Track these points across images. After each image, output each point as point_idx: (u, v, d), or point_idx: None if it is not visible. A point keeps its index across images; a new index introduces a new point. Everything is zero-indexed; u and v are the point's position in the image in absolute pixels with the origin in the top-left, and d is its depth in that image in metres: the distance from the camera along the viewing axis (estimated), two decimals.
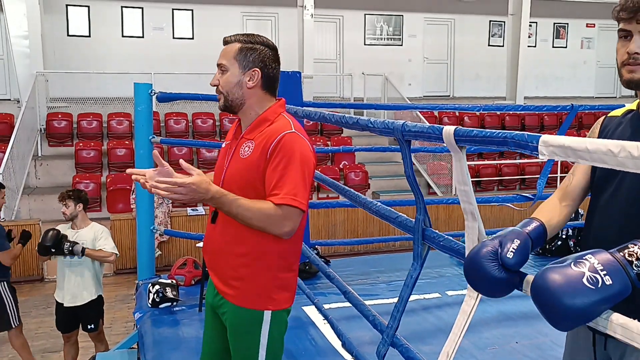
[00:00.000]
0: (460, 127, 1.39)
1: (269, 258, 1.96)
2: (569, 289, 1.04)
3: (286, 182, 1.84)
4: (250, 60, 1.97)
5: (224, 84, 1.99)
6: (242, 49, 1.98)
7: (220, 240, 2.02)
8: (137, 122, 4.24)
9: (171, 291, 3.85)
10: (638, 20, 1.43)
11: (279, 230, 1.85)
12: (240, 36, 2.02)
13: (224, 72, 2.00)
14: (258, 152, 1.92)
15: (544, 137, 1.10)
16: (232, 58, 1.98)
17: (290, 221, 1.85)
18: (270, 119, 1.99)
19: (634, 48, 1.44)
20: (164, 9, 12.39)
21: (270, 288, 1.98)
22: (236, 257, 1.98)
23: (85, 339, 4.97)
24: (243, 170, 1.95)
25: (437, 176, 11.14)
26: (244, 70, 1.98)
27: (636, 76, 1.46)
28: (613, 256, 1.09)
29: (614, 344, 1.51)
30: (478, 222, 1.37)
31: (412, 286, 1.72)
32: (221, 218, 2.00)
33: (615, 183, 1.52)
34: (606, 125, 1.66)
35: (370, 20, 13.98)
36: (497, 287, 1.24)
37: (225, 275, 2.02)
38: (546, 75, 15.23)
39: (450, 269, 4.57)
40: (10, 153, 8.54)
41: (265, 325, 1.98)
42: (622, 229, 1.47)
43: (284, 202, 1.82)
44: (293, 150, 1.88)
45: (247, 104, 2.00)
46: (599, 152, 0.98)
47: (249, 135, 1.99)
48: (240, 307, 1.99)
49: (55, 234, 4.38)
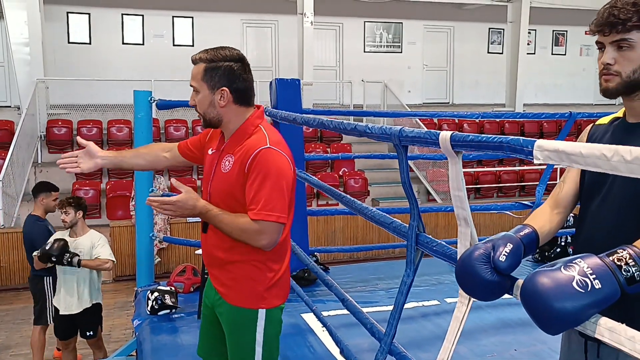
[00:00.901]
0: (456, 133, 1.41)
1: (257, 261, 2.06)
2: (559, 292, 1.05)
3: (261, 197, 1.93)
4: (216, 80, 2.01)
5: (199, 105, 2.06)
6: (206, 69, 2.02)
7: (212, 247, 2.13)
8: (137, 129, 4.25)
9: (170, 298, 3.84)
10: (605, 32, 1.50)
11: (257, 243, 1.96)
12: (204, 54, 2.04)
13: (197, 92, 2.05)
14: (237, 168, 2.00)
15: (539, 141, 1.12)
16: (200, 80, 2.03)
17: (266, 235, 1.94)
18: (248, 131, 2.05)
19: (605, 59, 1.50)
20: (164, 16, 12.44)
21: (261, 288, 2.07)
22: (227, 261, 2.09)
23: (84, 346, 4.97)
24: (224, 184, 2.05)
25: (436, 183, 11.15)
26: (212, 90, 2.02)
27: (610, 85, 1.52)
28: (602, 261, 1.10)
29: (607, 351, 1.51)
30: (471, 228, 1.38)
31: (406, 293, 1.73)
32: (211, 227, 2.09)
33: (604, 190, 1.54)
34: (593, 133, 1.69)
35: (370, 27, 14.03)
36: (488, 291, 1.25)
37: (220, 277, 2.13)
38: (545, 82, 15.27)
39: (448, 276, 4.56)
40: (10, 160, 8.56)
41: (260, 323, 2.07)
42: (611, 234, 1.49)
43: (258, 217, 1.92)
44: (268, 165, 1.94)
45: (225, 120, 2.07)
46: (593, 156, 0.99)
47: (229, 150, 2.07)
48: (235, 306, 2.09)
49: (62, 245, 4.38)
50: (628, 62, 1.47)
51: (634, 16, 1.45)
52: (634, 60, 1.47)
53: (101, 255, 4.52)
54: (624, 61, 1.48)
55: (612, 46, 1.49)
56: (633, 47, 1.47)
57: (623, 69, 1.48)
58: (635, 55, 1.47)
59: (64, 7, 11.75)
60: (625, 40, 1.46)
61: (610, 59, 1.49)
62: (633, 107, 1.55)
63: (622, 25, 1.46)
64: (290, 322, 3.65)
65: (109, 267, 4.60)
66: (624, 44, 1.47)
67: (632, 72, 1.48)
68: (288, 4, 12.55)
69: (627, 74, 1.48)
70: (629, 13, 1.45)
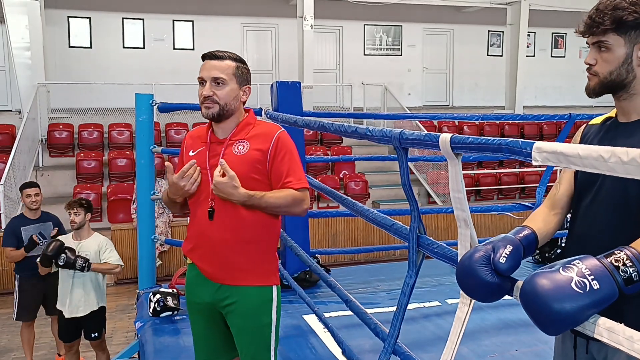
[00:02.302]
0: (456, 135, 1.43)
1: (266, 242, 2.27)
2: (558, 293, 1.07)
3: (295, 170, 2.22)
4: (244, 78, 2.29)
5: (224, 95, 2.22)
6: (238, 67, 2.26)
7: (223, 233, 2.20)
8: (138, 133, 4.27)
9: (172, 300, 3.86)
10: (585, 35, 1.57)
11: (301, 208, 2.22)
12: (231, 54, 2.28)
13: (221, 84, 2.22)
14: (256, 149, 2.21)
15: (538, 143, 1.14)
16: (231, 74, 2.23)
17: (307, 200, 2.24)
18: (251, 122, 2.30)
19: (587, 59, 1.57)
20: (164, 20, 12.47)
21: (272, 266, 2.29)
22: (243, 243, 2.21)
23: (86, 349, 4.98)
24: (240, 164, 2.19)
25: (437, 185, 11.17)
26: (240, 86, 2.27)
27: (590, 84, 1.58)
28: (600, 262, 1.12)
29: (597, 346, 1.54)
30: (470, 230, 1.40)
31: (409, 294, 1.75)
32: (219, 214, 2.20)
33: (594, 189, 1.57)
34: (586, 133, 1.72)
35: (370, 30, 14.05)
36: (489, 292, 1.27)
37: (235, 262, 2.21)
38: (545, 84, 15.29)
39: (450, 277, 4.57)
40: (11, 164, 8.57)
41: (274, 302, 2.25)
42: (602, 232, 1.52)
43: (301, 185, 2.21)
44: (290, 143, 2.26)
45: (235, 114, 2.28)
46: (590, 157, 1.01)
47: (237, 137, 2.26)
48: (254, 287, 2.22)
49: (58, 245, 4.39)
50: (605, 64, 1.53)
51: (608, 19, 1.49)
52: (611, 62, 1.52)
53: (111, 260, 4.56)
54: (602, 62, 1.53)
55: (594, 47, 1.55)
56: (610, 49, 1.52)
57: (601, 69, 1.54)
58: (612, 57, 1.51)
59: (64, 12, 11.78)
60: (602, 43, 1.52)
61: (592, 60, 1.56)
62: (621, 107, 1.59)
63: (596, 27, 1.52)
64: (292, 323, 3.67)
65: (118, 271, 4.65)
66: (602, 45, 1.53)
67: (609, 73, 1.52)
68: (288, 7, 12.58)
69: (604, 75, 1.53)
70: (605, 16, 1.50)
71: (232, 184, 2.10)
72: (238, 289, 2.20)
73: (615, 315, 1.12)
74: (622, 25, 1.48)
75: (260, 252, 2.24)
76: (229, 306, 2.21)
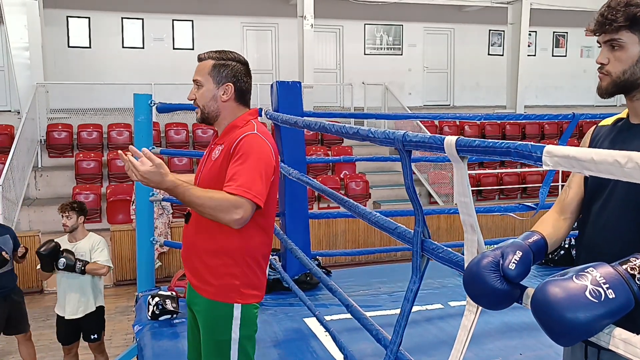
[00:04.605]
0: (462, 137, 1.38)
1: (237, 254, 2.08)
2: (571, 302, 1.02)
3: (242, 175, 1.97)
4: (223, 75, 2.14)
5: (200, 97, 2.16)
6: (215, 65, 2.15)
7: (193, 238, 2.16)
8: (137, 133, 4.23)
9: (171, 303, 3.82)
10: (597, 33, 1.51)
11: (228, 217, 1.91)
12: (213, 53, 2.18)
13: (200, 87, 2.16)
14: (224, 153, 2.08)
15: (548, 147, 1.08)
16: (206, 74, 2.15)
17: (240, 210, 1.92)
18: (239, 125, 2.14)
19: (599, 59, 1.52)
20: (164, 19, 12.43)
21: (238, 283, 2.08)
22: (206, 252, 2.11)
23: (85, 351, 4.94)
24: (213, 170, 2.11)
25: (438, 185, 11.12)
26: (217, 85, 2.14)
27: (602, 84, 1.53)
28: (615, 269, 1.07)
29: (609, 356, 1.49)
30: (478, 235, 1.35)
31: (412, 299, 1.70)
32: (194, 217, 2.14)
33: (605, 194, 1.52)
34: (596, 134, 1.67)
35: (370, 30, 14.01)
36: (497, 300, 1.22)
37: (198, 270, 2.14)
38: (546, 84, 15.24)
39: (452, 280, 4.54)
40: (10, 164, 8.52)
41: (235, 320, 2.08)
42: (613, 239, 1.47)
43: (236, 192, 1.93)
44: (251, 148, 2.03)
45: (222, 115, 2.17)
46: (605, 162, 0.96)
47: (220, 141, 2.16)
48: (211, 300, 2.10)
49: (52, 246, 4.36)
50: (618, 63, 1.48)
51: (621, 16, 1.44)
52: (624, 61, 1.47)
53: (99, 260, 4.51)
54: (615, 61, 1.48)
55: (606, 46, 1.50)
56: (623, 48, 1.46)
57: (613, 69, 1.48)
58: (626, 56, 1.46)
59: (63, 11, 11.73)
60: (615, 41, 1.47)
61: (604, 59, 1.50)
62: (634, 108, 1.54)
63: (609, 25, 1.46)
64: (292, 326, 3.63)
65: (104, 272, 4.56)
66: (614, 43, 1.47)
67: (622, 72, 1.47)
68: (288, 6, 12.53)
69: (617, 74, 1.48)
70: (618, 13, 1.45)
71: (159, 172, 1.88)
72: (201, 298, 2.13)
73: (631, 325, 1.08)
74: (636, 22, 1.43)
75: (225, 266, 2.07)
76: (197, 313, 2.19)
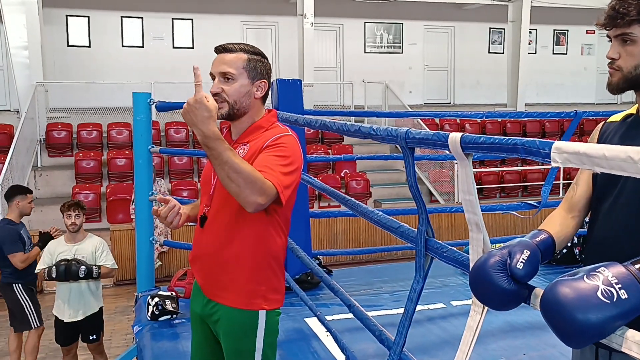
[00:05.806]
0: (467, 134, 1.34)
1: (260, 258, 1.98)
2: (583, 303, 0.99)
3: (278, 167, 1.86)
4: (258, 71, 2.01)
5: (232, 92, 1.97)
6: (250, 59, 2.00)
7: (211, 244, 2.02)
8: (136, 132, 4.20)
9: (171, 304, 3.79)
10: (607, 27, 1.47)
11: (253, 198, 1.77)
12: (244, 46, 2.03)
13: (230, 80, 1.97)
14: (252, 151, 1.95)
15: (557, 143, 1.05)
16: (240, 68, 1.98)
17: (265, 196, 1.79)
18: (264, 126, 2.03)
19: (610, 53, 1.48)
20: (163, 18, 12.40)
21: (263, 288, 1.99)
22: (228, 258, 1.98)
23: (84, 352, 4.91)
24: None
25: (439, 184, 11.10)
26: (252, 80, 2.00)
27: (613, 80, 1.49)
28: (627, 269, 1.04)
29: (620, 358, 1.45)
30: (483, 233, 1.32)
31: (416, 300, 1.67)
32: (210, 222, 2.02)
33: (616, 191, 1.49)
34: (605, 130, 1.64)
35: (370, 28, 13.98)
36: (505, 300, 1.19)
37: (219, 278, 2.00)
38: (547, 81, 15.20)
39: (454, 279, 4.51)
40: (9, 164, 8.50)
41: (260, 328, 1.98)
42: (623, 237, 1.44)
43: (271, 179, 1.81)
44: (291, 147, 1.93)
45: (250, 112, 2.03)
46: (618, 159, 0.92)
47: (243, 140, 2.03)
48: (235, 308, 1.98)
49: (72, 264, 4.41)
50: (630, 57, 1.44)
51: (633, 10, 1.41)
52: (636, 56, 1.43)
53: (107, 264, 4.56)
54: (627, 56, 1.45)
55: (617, 40, 1.46)
56: (635, 42, 1.43)
57: (625, 64, 1.45)
58: (638, 50, 1.43)
59: (63, 10, 11.70)
60: (627, 35, 1.43)
61: (615, 54, 1.47)
62: None
63: (621, 19, 1.43)
64: (293, 326, 3.59)
65: (113, 275, 4.62)
66: (626, 38, 1.44)
67: (634, 67, 1.44)
68: (288, 5, 12.50)
69: (628, 69, 1.45)
70: (630, 7, 1.41)
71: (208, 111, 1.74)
72: (221, 307, 2.00)
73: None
74: None
75: (246, 271, 1.96)
76: (215, 323, 2.04)
